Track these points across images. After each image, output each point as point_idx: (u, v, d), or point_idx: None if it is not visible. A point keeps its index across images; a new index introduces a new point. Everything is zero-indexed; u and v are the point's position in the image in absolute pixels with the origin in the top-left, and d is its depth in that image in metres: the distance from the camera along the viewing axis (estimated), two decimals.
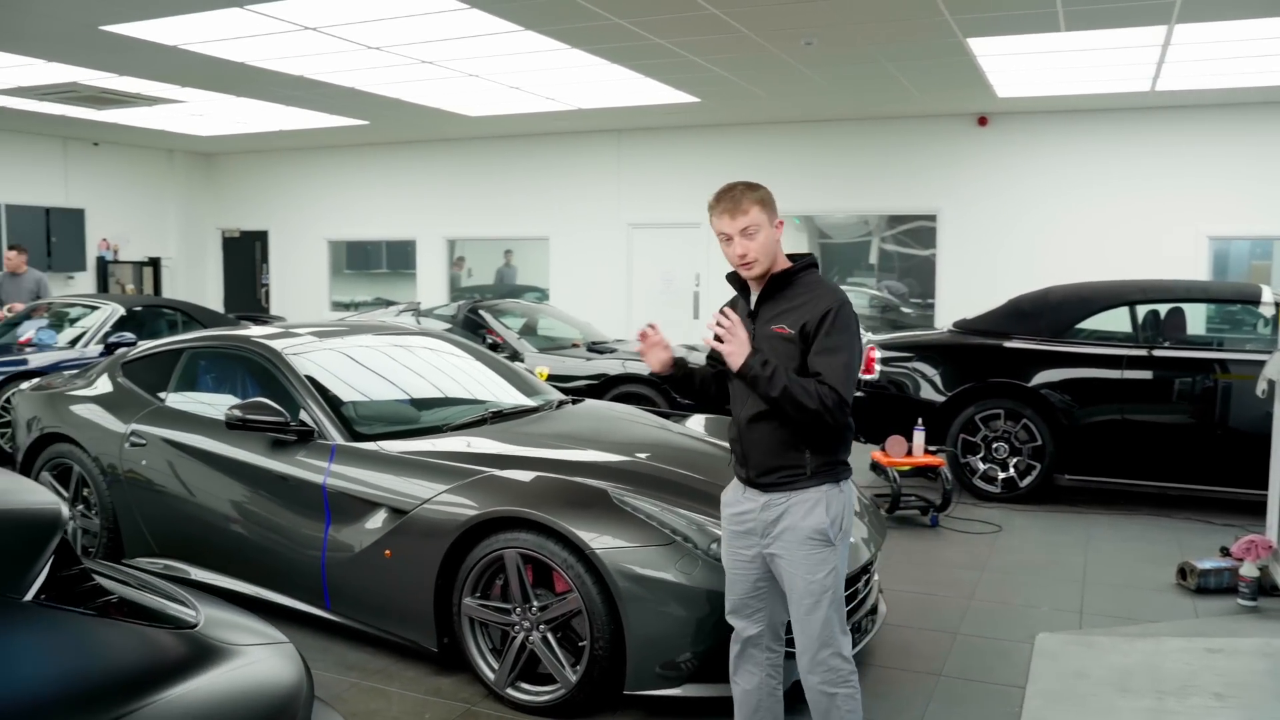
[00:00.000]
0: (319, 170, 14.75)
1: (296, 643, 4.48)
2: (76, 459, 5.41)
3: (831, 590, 3.08)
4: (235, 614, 2.00)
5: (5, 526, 1.56)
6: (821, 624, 3.07)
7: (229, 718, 1.61)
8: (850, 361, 3.02)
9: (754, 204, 3.09)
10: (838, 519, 3.09)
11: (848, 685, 3.10)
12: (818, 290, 3.11)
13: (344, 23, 7.03)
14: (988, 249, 10.78)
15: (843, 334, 3.03)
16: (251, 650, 1.80)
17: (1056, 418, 7.22)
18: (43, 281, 10.69)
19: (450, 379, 5.66)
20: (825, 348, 3.01)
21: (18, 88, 9.75)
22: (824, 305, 3.04)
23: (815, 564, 3.07)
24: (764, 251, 3.11)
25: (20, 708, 1.38)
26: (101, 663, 1.52)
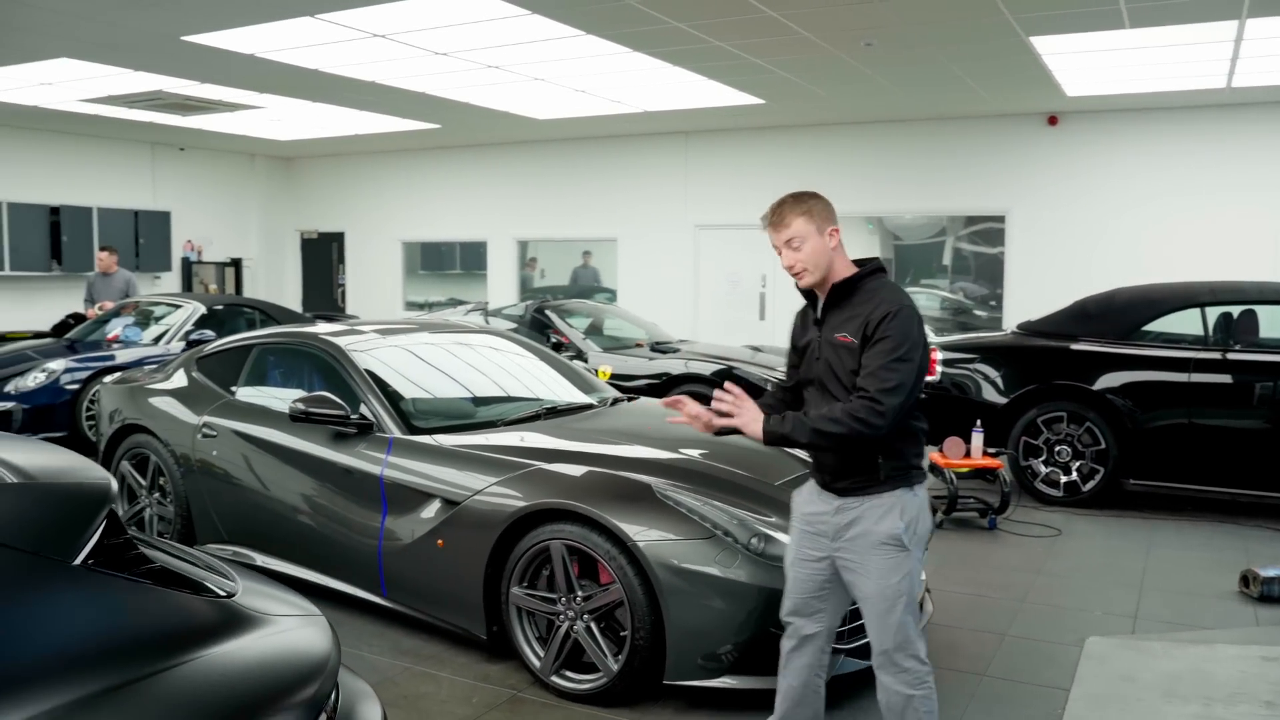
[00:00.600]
0: (393, 173, 15.10)
1: (354, 628, 4.70)
2: (153, 449, 5.67)
3: (906, 595, 3.05)
4: (273, 588, 2.13)
5: (59, 497, 1.71)
6: (896, 627, 3.05)
7: (255, 681, 1.73)
8: (892, 363, 2.94)
9: (797, 216, 3.11)
10: (912, 523, 3.07)
11: (924, 686, 3.08)
12: (879, 295, 3.08)
13: (411, 29, 7.23)
14: (1057, 250, 10.61)
15: (891, 338, 2.97)
16: (283, 620, 1.93)
17: (1121, 421, 7.11)
18: (131, 281, 11.16)
19: (508, 375, 5.80)
20: (872, 352, 2.98)
21: (109, 96, 10.20)
22: (880, 310, 3.02)
23: (889, 569, 3.05)
24: (812, 261, 3.12)
25: (64, 659, 1.53)
26: (138, 623, 1.66)
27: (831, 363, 3.11)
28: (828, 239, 3.13)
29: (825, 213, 3.14)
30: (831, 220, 3.14)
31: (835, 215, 3.16)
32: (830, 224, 3.14)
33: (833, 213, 3.16)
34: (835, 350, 3.10)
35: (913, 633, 3.08)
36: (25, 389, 8.73)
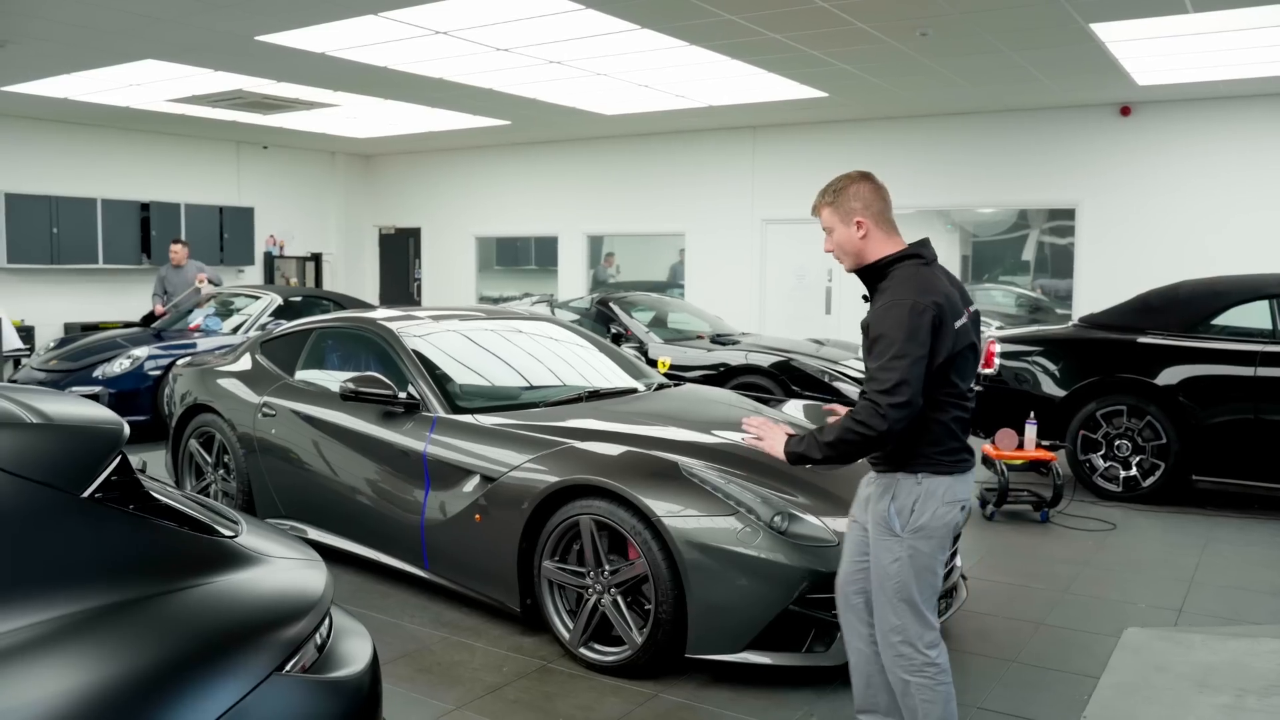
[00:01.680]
0: (467, 169, 15.41)
1: (398, 600, 4.89)
2: (218, 428, 5.95)
3: (898, 579, 3.06)
4: (278, 536, 2.29)
5: (72, 436, 1.89)
6: (889, 609, 3.09)
7: (245, 611, 1.89)
8: (890, 362, 2.93)
9: (824, 207, 3.20)
10: (904, 510, 3.05)
11: (921, 675, 3.07)
12: (892, 286, 3.08)
13: (470, 26, 7.43)
14: (1129, 243, 10.37)
15: (886, 336, 2.98)
16: (280, 561, 2.08)
17: (1184, 415, 6.96)
18: (202, 268, 11.72)
19: (558, 360, 5.93)
20: (871, 353, 3.02)
21: (193, 96, 10.65)
22: (881, 308, 3.04)
23: (882, 550, 3.10)
24: (841, 249, 3.20)
25: (68, 579, 1.71)
26: (138, 552, 1.83)
27: (865, 343, 3.13)
28: (854, 229, 3.15)
29: (851, 204, 3.14)
30: (859, 212, 3.14)
31: (870, 204, 3.15)
32: (857, 215, 3.14)
33: (866, 202, 3.14)
34: (865, 330, 3.13)
35: (909, 619, 3.06)
36: (111, 374, 9.18)
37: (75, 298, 12.95)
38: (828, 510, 4.09)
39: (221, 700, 1.70)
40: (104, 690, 1.60)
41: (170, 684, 1.67)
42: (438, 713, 3.80)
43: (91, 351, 9.61)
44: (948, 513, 3.07)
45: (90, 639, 1.67)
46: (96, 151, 13.07)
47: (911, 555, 3.05)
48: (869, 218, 3.15)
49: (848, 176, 3.23)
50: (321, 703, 1.89)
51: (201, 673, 1.72)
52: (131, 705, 1.61)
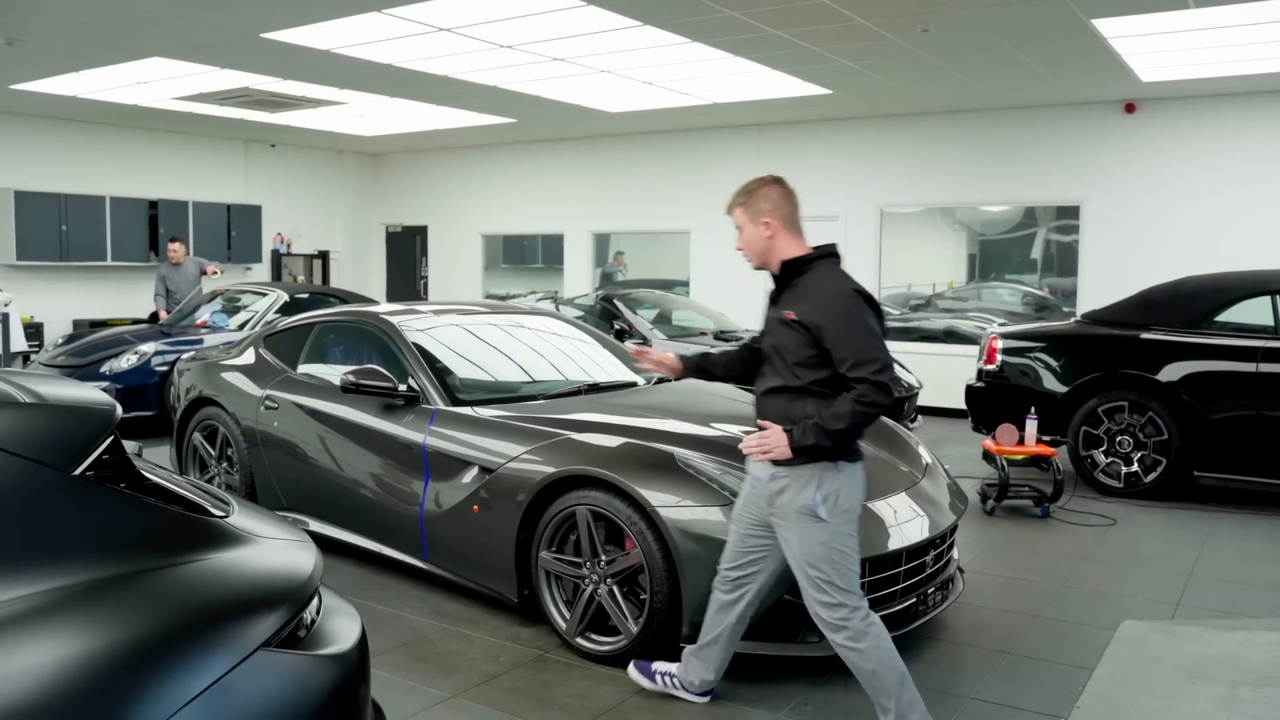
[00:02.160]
0: (473, 168, 15.45)
1: (398, 591, 4.93)
2: (222, 420, 6.00)
3: (825, 561, 3.29)
4: (268, 517, 2.32)
5: (65, 415, 1.94)
6: (822, 592, 3.31)
7: (233, 587, 1.92)
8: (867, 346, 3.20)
9: (736, 206, 3.45)
10: (831, 496, 3.28)
11: (867, 639, 3.31)
12: (822, 283, 3.32)
13: (473, 23, 7.45)
14: (1134, 240, 10.34)
15: (851, 322, 3.22)
16: (269, 541, 2.12)
17: (1185, 411, 6.96)
18: (200, 263, 11.82)
19: (559, 354, 5.96)
20: (844, 344, 3.20)
21: (200, 94, 10.70)
22: (826, 298, 3.26)
23: (808, 537, 3.31)
24: (750, 247, 3.45)
25: (59, 554, 1.75)
26: (127, 528, 1.87)
27: (777, 340, 3.38)
28: (762, 229, 3.39)
29: (761, 205, 3.38)
30: (768, 213, 3.37)
31: (779, 207, 3.38)
32: (765, 216, 3.37)
33: (773, 206, 3.37)
34: (781, 327, 3.35)
35: (839, 596, 3.30)
36: (119, 370, 9.25)
37: (83, 294, 13.03)
38: None
39: (209, 672, 1.74)
40: (94, 660, 1.64)
41: (159, 655, 1.71)
42: (434, 700, 3.84)
43: (99, 347, 9.69)
44: (861, 495, 3.40)
45: (81, 611, 1.71)
46: (105, 150, 13.14)
47: (834, 537, 3.29)
48: (777, 219, 3.39)
49: (760, 180, 3.48)
50: (309, 678, 1.92)
51: (190, 645, 1.75)
52: (121, 675, 1.65)
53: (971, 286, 12.30)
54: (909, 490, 4.49)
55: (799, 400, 3.32)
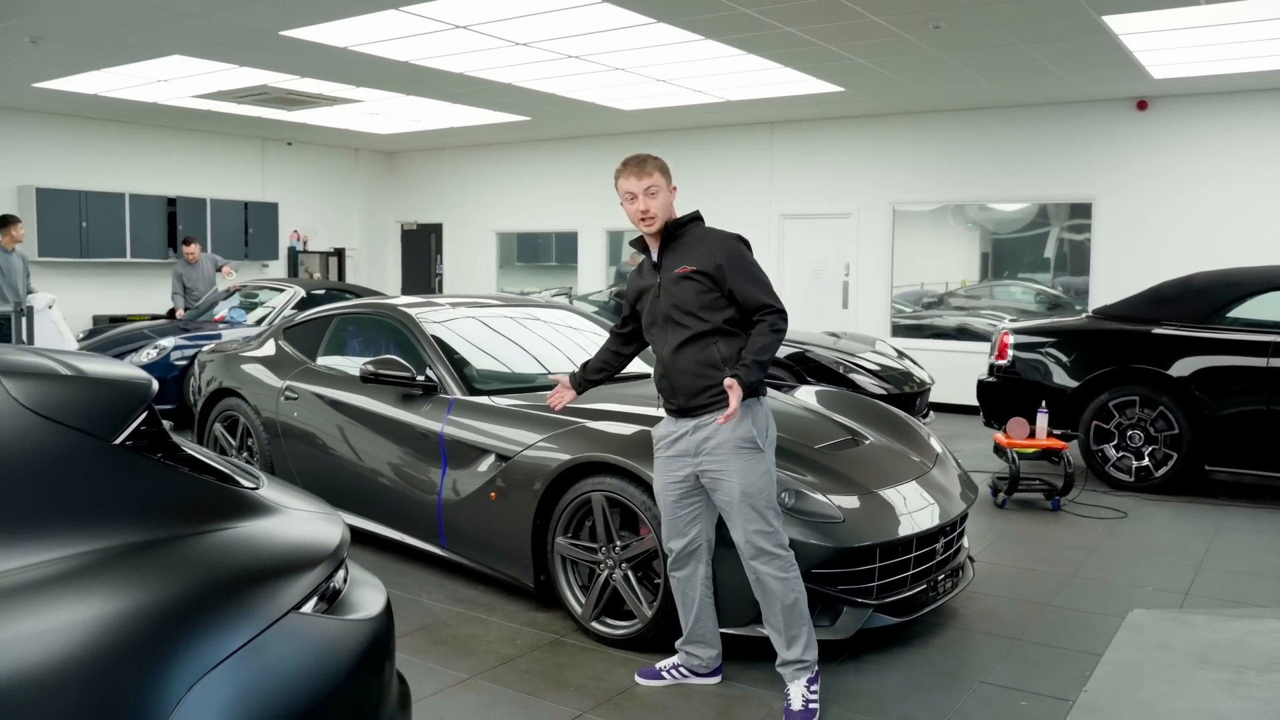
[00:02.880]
0: (488, 166, 15.54)
1: (416, 578, 5.02)
2: (242, 411, 6.10)
3: (765, 490, 3.56)
4: (296, 491, 2.40)
5: (105, 388, 2.03)
6: (760, 520, 3.54)
7: (263, 555, 2.01)
8: (765, 280, 3.60)
9: (656, 169, 3.65)
10: (764, 428, 3.58)
11: (793, 570, 3.60)
12: (710, 236, 3.65)
13: (489, 20, 7.54)
14: (1146, 238, 10.36)
15: (745, 261, 3.59)
16: (297, 513, 2.20)
17: (1196, 406, 6.99)
18: (215, 259, 11.98)
19: (573, 346, 6.02)
20: (746, 280, 3.54)
21: (218, 91, 10.82)
22: (718, 246, 3.58)
23: (750, 468, 3.54)
24: (663, 209, 3.65)
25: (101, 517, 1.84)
26: (163, 496, 1.95)
27: (675, 297, 3.61)
28: (671, 194, 3.68)
29: (670, 172, 3.69)
30: (672, 179, 3.69)
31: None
32: (672, 182, 3.69)
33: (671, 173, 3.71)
34: (677, 283, 3.60)
35: (777, 524, 3.58)
36: (139, 364, 9.36)
37: (103, 290, 13.18)
38: (834, 488, 4.17)
39: (243, 633, 1.82)
40: (134, 618, 1.72)
41: (194, 615, 1.79)
42: (453, 681, 3.92)
43: (119, 342, 9.82)
44: (774, 424, 3.69)
45: (120, 572, 1.79)
46: (125, 147, 13.29)
47: (769, 466, 3.59)
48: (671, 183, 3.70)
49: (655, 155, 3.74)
50: (338, 641, 2.00)
51: (223, 607, 1.84)
52: (159, 632, 1.73)
53: (984, 285, 12.33)
54: (920, 479, 4.55)
55: (710, 344, 3.57)
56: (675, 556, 3.79)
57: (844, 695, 3.80)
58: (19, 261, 9.84)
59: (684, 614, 3.85)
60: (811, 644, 3.64)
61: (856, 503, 4.15)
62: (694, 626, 3.84)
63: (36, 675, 1.58)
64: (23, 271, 9.90)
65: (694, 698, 3.79)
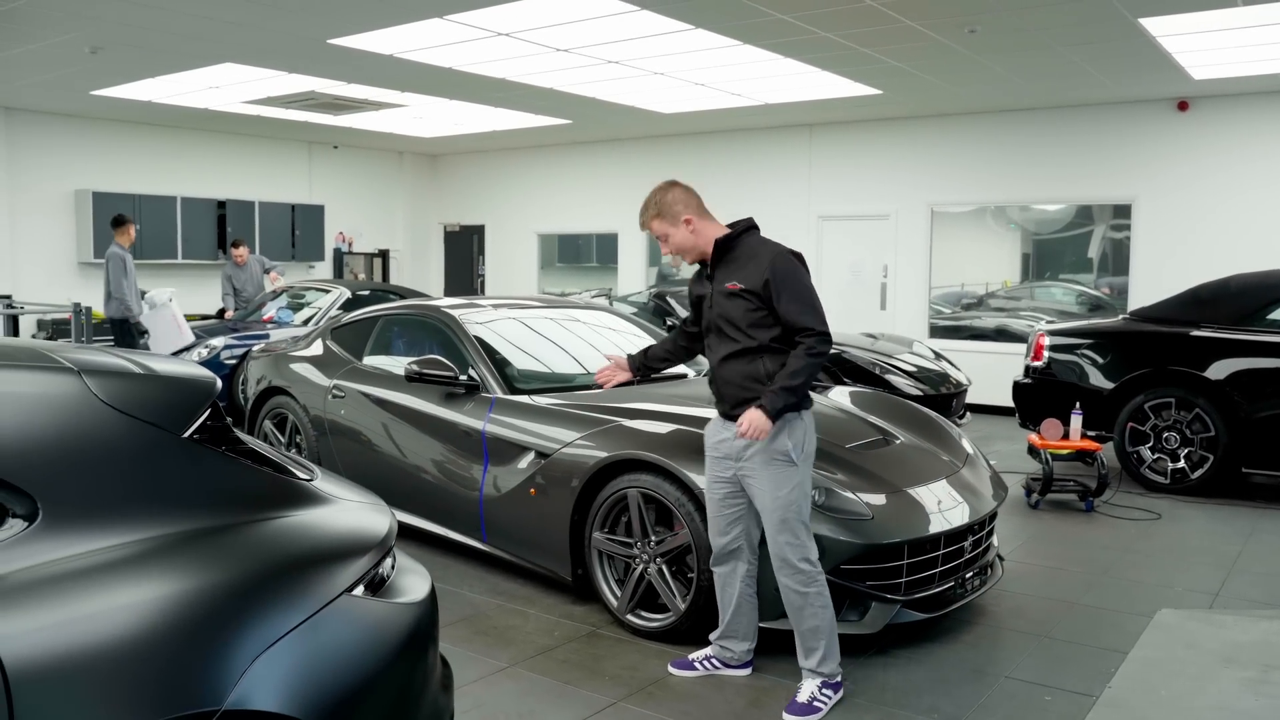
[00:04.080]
0: (529, 168, 15.75)
1: (457, 571, 5.19)
2: (291, 409, 6.31)
3: (796, 504, 3.63)
4: (347, 483, 2.57)
5: (174, 386, 2.21)
6: (791, 534, 3.63)
7: (319, 541, 2.17)
8: (810, 299, 3.59)
9: (652, 220, 3.79)
10: (800, 442, 3.65)
11: (816, 584, 3.66)
12: (758, 250, 3.67)
13: (531, 28, 7.71)
14: (1188, 239, 10.30)
15: (793, 279, 3.59)
16: (349, 503, 2.37)
17: (1233, 408, 6.99)
18: (263, 261, 12.25)
19: (612, 347, 6.15)
20: (791, 299, 3.57)
21: (268, 98, 11.11)
22: (766, 262, 3.60)
23: (780, 481, 3.63)
24: (680, 248, 3.79)
25: (171, 504, 2.01)
26: (228, 485, 2.12)
27: (724, 310, 3.71)
28: (684, 227, 3.74)
29: (674, 208, 3.73)
30: (684, 212, 3.72)
31: (689, 203, 3.73)
32: (683, 215, 3.72)
33: (684, 204, 3.72)
34: (727, 298, 3.69)
35: (804, 539, 3.66)
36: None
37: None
38: (864, 486, 4.27)
39: (300, 612, 1.97)
40: (202, 596, 1.89)
41: (256, 595, 1.95)
42: (493, 669, 4.08)
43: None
44: (814, 438, 3.76)
45: (190, 554, 1.96)
46: (177, 152, 13.65)
47: (803, 480, 3.66)
48: (692, 213, 3.74)
49: (659, 189, 3.82)
50: (387, 622, 2.15)
51: (282, 588, 2.00)
52: (225, 610, 1.89)
53: (1024, 286, 12.31)
54: (949, 478, 4.63)
55: (756, 360, 3.65)
56: (716, 553, 3.91)
57: (871, 688, 3.91)
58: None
59: (722, 609, 3.97)
60: (829, 660, 3.72)
61: (885, 501, 4.26)
62: (730, 622, 3.96)
63: (116, 647, 1.74)
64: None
65: (725, 688, 3.91)
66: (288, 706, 1.85)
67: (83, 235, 12.68)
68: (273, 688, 1.85)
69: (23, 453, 1.89)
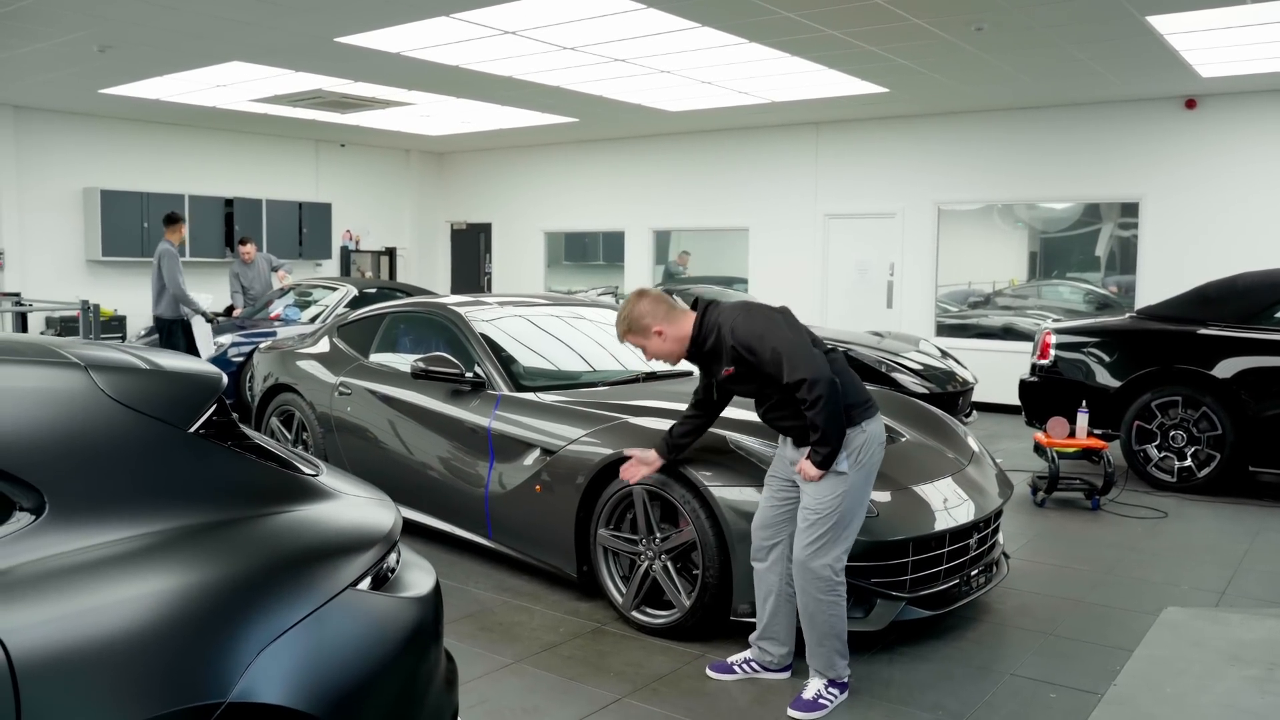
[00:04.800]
0: (536, 166, 15.77)
1: (463, 568, 5.20)
2: (298, 406, 6.33)
3: (839, 513, 3.63)
4: (352, 479, 2.58)
5: (181, 379, 2.22)
6: (818, 538, 3.64)
7: (324, 535, 2.18)
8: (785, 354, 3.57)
9: (625, 332, 3.91)
10: (855, 453, 3.66)
11: (833, 594, 3.67)
12: (716, 326, 3.74)
13: (538, 26, 7.72)
14: (1195, 238, 10.27)
15: (758, 339, 3.63)
16: (354, 498, 2.38)
17: (1241, 407, 6.97)
18: (271, 259, 12.26)
19: (618, 345, 6.17)
20: (768, 363, 3.61)
21: (275, 96, 11.14)
22: (727, 337, 3.68)
23: (826, 488, 3.64)
24: (660, 354, 3.89)
25: (177, 498, 2.02)
26: (233, 480, 2.14)
27: (735, 389, 3.88)
28: (656, 338, 3.85)
29: (642, 322, 3.84)
30: (653, 324, 3.83)
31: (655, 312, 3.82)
32: (653, 327, 3.83)
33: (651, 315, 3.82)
34: (730, 383, 3.82)
35: (833, 548, 3.65)
36: None
37: None
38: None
39: (304, 606, 1.98)
40: (206, 589, 1.90)
41: (260, 589, 1.96)
42: (498, 665, 4.09)
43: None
44: (881, 452, 3.78)
45: (196, 548, 1.98)
46: (185, 150, 13.69)
47: (851, 489, 3.66)
48: (659, 322, 3.83)
49: (628, 302, 3.92)
50: (392, 616, 2.16)
51: (286, 582, 2.01)
52: (229, 603, 1.90)
53: (1031, 284, 12.29)
54: (954, 475, 4.63)
55: (789, 399, 3.67)
56: (755, 547, 3.91)
57: (876, 685, 3.91)
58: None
59: (760, 607, 3.95)
60: (833, 667, 3.72)
61: (890, 498, 4.26)
62: (769, 622, 3.93)
63: (122, 639, 1.76)
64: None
65: (731, 684, 3.91)
66: (293, 700, 1.87)
67: (91, 233, 12.73)
68: (278, 681, 1.87)
69: (29, 447, 1.91)
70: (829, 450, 3.59)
